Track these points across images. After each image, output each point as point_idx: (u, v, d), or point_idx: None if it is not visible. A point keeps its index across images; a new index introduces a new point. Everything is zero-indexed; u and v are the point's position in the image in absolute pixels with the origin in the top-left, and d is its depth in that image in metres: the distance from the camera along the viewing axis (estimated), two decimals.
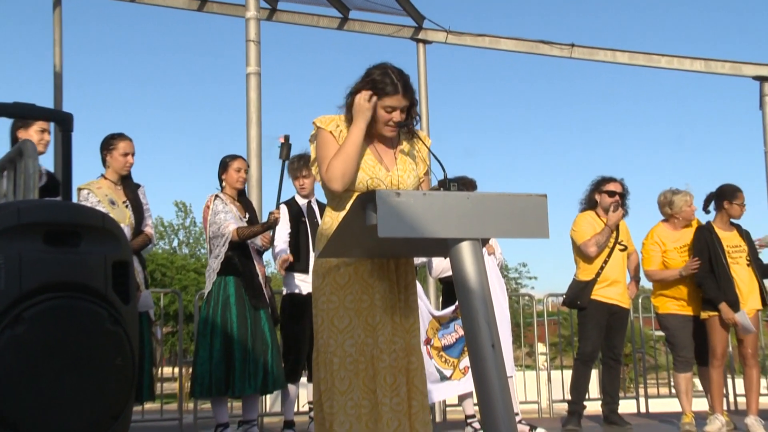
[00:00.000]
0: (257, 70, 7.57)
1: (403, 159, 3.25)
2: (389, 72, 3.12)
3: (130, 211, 4.89)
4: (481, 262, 2.52)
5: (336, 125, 3.17)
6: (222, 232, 5.13)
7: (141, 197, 5.01)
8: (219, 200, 5.24)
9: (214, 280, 5.14)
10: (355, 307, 3.07)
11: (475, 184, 5.71)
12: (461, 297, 2.52)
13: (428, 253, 3.98)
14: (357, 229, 2.56)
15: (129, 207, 4.90)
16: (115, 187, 4.93)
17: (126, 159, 4.94)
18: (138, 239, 4.89)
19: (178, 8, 10.18)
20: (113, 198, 4.86)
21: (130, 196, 4.95)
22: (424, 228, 2.42)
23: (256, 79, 7.55)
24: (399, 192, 2.41)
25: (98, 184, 4.90)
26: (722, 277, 5.60)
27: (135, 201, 4.95)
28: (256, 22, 7.68)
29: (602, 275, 5.86)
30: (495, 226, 2.53)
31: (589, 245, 5.82)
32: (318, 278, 3.15)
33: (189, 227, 30.03)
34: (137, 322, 3.03)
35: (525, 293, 16.27)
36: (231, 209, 5.23)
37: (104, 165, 4.99)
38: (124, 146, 4.94)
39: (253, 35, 7.60)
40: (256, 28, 7.66)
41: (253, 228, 5.17)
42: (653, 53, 10.10)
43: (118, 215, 4.75)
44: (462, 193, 2.52)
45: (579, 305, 5.95)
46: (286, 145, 5.10)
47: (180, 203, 30.14)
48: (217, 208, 5.20)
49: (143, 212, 4.98)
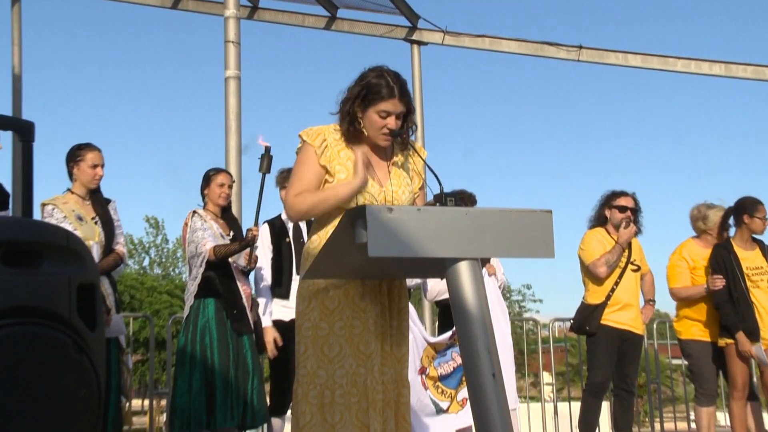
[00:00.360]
0: (237, 74, 7.59)
1: (397, 173, 3.27)
2: (385, 74, 3.15)
3: (100, 228, 4.89)
4: (480, 283, 2.53)
5: (322, 139, 3.19)
6: (199, 251, 5.14)
7: (111, 213, 5.01)
8: (197, 217, 5.25)
9: (192, 304, 5.14)
10: (345, 334, 3.07)
11: (474, 199, 5.72)
12: (459, 322, 2.52)
13: (423, 274, 3.99)
14: (345, 247, 2.57)
15: (98, 223, 4.90)
16: (83, 202, 4.93)
17: (95, 171, 4.94)
18: (108, 258, 4.89)
19: (151, 5, 10.22)
20: (81, 214, 4.86)
21: (100, 212, 4.94)
22: (419, 247, 2.42)
23: (235, 83, 7.57)
24: (391, 207, 2.41)
25: (64, 199, 4.89)
26: (741, 302, 5.64)
27: (105, 217, 4.95)
28: (235, 22, 7.71)
29: (613, 298, 5.86)
30: (496, 245, 2.54)
31: (598, 265, 5.83)
32: (303, 301, 3.15)
33: (161, 245, 29.98)
34: (104, 349, 3.03)
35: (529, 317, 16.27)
36: (210, 226, 5.24)
37: (71, 178, 4.98)
38: (93, 157, 4.95)
39: (232, 35, 7.63)
40: (236, 27, 7.69)
41: (230, 246, 5.17)
42: (668, 56, 10.17)
43: (87, 232, 4.75)
44: (460, 209, 2.53)
45: (588, 331, 5.94)
46: (267, 157, 5.11)
47: (151, 219, 30.12)
48: (195, 225, 5.21)
49: (114, 229, 4.98)
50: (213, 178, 5.38)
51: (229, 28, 7.65)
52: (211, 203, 5.37)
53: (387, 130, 3.15)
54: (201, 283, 5.13)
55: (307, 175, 3.16)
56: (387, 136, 3.17)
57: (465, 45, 10.44)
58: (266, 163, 5.13)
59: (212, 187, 5.36)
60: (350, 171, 3.16)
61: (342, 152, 3.20)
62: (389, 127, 3.15)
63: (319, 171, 3.17)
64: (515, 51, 10.36)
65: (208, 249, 5.11)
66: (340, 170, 3.17)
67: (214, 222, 5.30)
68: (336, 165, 3.17)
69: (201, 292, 5.14)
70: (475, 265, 2.53)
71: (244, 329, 5.16)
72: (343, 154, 3.20)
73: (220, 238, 5.23)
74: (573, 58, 10.21)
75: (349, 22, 10.40)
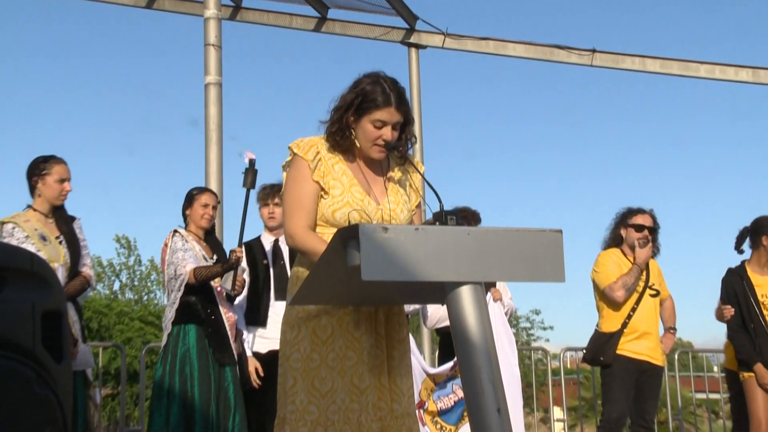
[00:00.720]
0: (218, 80, 7.61)
1: (394, 189, 3.29)
2: (381, 81, 3.17)
3: (65, 248, 4.88)
4: (484, 309, 2.53)
5: (315, 152, 3.20)
6: (178, 273, 5.14)
7: (77, 231, 5.01)
8: (178, 237, 5.26)
9: (171, 331, 5.13)
10: (338, 367, 3.07)
11: (478, 217, 5.74)
12: (461, 352, 2.53)
13: (422, 300, 3.99)
14: (337, 270, 2.57)
15: (63, 243, 4.89)
16: (45, 220, 4.93)
17: (62, 186, 4.95)
18: (75, 282, 4.88)
19: (124, 5, 10.26)
20: (44, 233, 4.85)
21: (65, 230, 4.94)
22: (417, 270, 2.43)
23: (216, 90, 7.59)
24: (386, 227, 2.41)
25: (25, 217, 4.89)
26: (757, 332, 5.67)
27: (70, 236, 4.94)
28: (216, 23, 7.74)
29: (630, 325, 5.85)
30: (501, 268, 2.54)
31: (614, 289, 5.82)
32: (291, 329, 3.15)
33: (133, 267, 29.93)
34: (71, 383, 3.03)
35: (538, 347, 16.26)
36: (192, 247, 5.24)
37: (32, 194, 4.98)
38: (60, 171, 4.95)
39: (213, 38, 7.65)
40: (217, 29, 7.71)
41: (212, 268, 5.17)
42: (690, 60, 10.23)
43: (51, 253, 4.74)
44: (462, 228, 2.53)
45: (602, 362, 5.93)
46: (251, 171, 5.12)
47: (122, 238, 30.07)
48: (175, 245, 5.21)
49: (80, 249, 4.98)
50: (196, 197, 5.39)
51: (210, 30, 7.68)
52: (194, 224, 5.38)
53: (382, 142, 3.16)
54: (181, 308, 5.13)
55: (306, 196, 3.17)
56: (381, 148, 3.18)
57: (467, 48, 10.49)
58: (250, 178, 5.13)
59: (195, 208, 5.37)
60: (346, 186, 3.17)
61: (336, 166, 3.21)
62: (384, 138, 3.16)
63: (314, 189, 3.18)
64: (522, 55, 10.41)
65: (188, 271, 5.11)
66: (335, 186, 3.18)
67: (197, 243, 5.30)
68: (330, 180, 3.18)
69: (181, 317, 5.14)
70: (479, 289, 2.53)
71: (227, 360, 5.16)
72: (337, 168, 3.21)
73: (202, 261, 5.23)
74: (585, 63, 10.26)
75: (340, 24, 10.44)
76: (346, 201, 3.16)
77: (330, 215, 3.16)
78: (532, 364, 12.44)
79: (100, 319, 24.15)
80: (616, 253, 6.01)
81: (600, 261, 6.01)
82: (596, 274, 5.98)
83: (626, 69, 10.37)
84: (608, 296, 5.86)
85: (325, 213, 3.18)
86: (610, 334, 5.87)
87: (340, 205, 3.16)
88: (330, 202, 3.16)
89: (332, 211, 3.16)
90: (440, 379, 5.43)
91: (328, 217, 3.17)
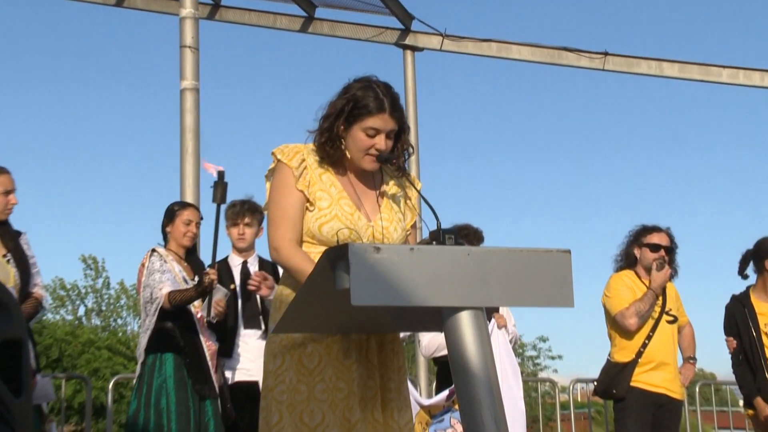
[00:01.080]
0: (195, 85, 7.62)
1: (387, 205, 3.30)
2: (373, 85, 3.19)
3: (14, 267, 4.86)
4: (485, 337, 2.53)
5: (301, 159, 3.22)
6: (154, 297, 5.13)
7: (25, 248, 4.99)
8: (156, 257, 5.26)
9: (145, 360, 5.12)
10: (328, 399, 3.07)
11: (480, 235, 5.75)
12: (460, 383, 2.53)
13: (418, 327, 3.99)
14: (324, 295, 2.58)
15: (11, 262, 4.87)
16: None
17: (7, 199, 4.94)
18: (26, 305, 4.87)
19: (91, 2, 10.29)
20: None
21: (11, 247, 4.92)
22: (412, 294, 2.43)
23: (193, 96, 7.60)
24: (379, 246, 2.41)
25: None
26: (757, 365, 5.71)
27: (18, 254, 4.93)
28: (193, 23, 7.76)
29: (645, 355, 5.83)
30: (504, 292, 2.55)
31: (627, 316, 5.80)
32: (274, 359, 3.15)
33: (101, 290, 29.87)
34: (31, 419, 3.02)
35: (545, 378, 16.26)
36: (172, 268, 5.24)
37: None
38: (4, 182, 4.94)
39: (189, 39, 7.67)
40: (194, 29, 7.73)
41: (186, 292, 5.17)
42: (711, 64, 10.30)
43: (0, 274, 4.73)
44: (461, 248, 2.54)
45: (615, 395, 5.91)
46: (221, 185, 5.13)
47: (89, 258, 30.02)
48: (153, 265, 5.22)
49: (29, 267, 4.96)
50: (178, 213, 5.39)
51: (186, 31, 7.69)
52: (175, 243, 5.38)
53: (375, 152, 3.18)
54: (158, 335, 5.13)
55: (291, 206, 3.18)
56: (374, 158, 3.19)
57: (468, 51, 10.55)
58: (220, 192, 5.14)
59: (176, 225, 5.37)
60: (334, 198, 3.18)
61: (324, 176, 3.23)
62: (377, 147, 3.17)
63: (300, 198, 3.19)
64: (528, 58, 10.47)
65: (164, 295, 5.10)
66: (322, 197, 3.19)
67: (177, 264, 5.30)
68: (317, 191, 3.19)
69: (158, 345, 5.14)
70: (480, 315, 2.53)
71: (207, 392, 5.15)
72: (325, 178, 3.23)
73: (182, 283, 5.23)
74: (597, 67, 10.31)
75: (329, 24, 10.48)
76: (335, 214, 3.17)
77: (316, 230, 3.17)
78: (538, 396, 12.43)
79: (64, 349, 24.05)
80: (630, 275, 6.00)
81: (611, 285, 5.99)
82: (607, 299, 5.96)
83: (641, 73, 10.43)
84: (620, 324, 5.85)
85: (311, 227, 3.18)
86: (624, 364, 5.85)
87: (327, 218, 3.17)
88: (317, 215, 3.17)
89: (319, 225, 3.17)
90: (436, 411, 5.43)
91: (315, 231, 3.17)
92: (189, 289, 5.21)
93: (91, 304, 29.86)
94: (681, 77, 10.37)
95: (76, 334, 25.23)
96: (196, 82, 7.62)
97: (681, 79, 10.40)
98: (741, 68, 10.20)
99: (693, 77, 10.32)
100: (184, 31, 7.70)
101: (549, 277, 2.56)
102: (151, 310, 5.14)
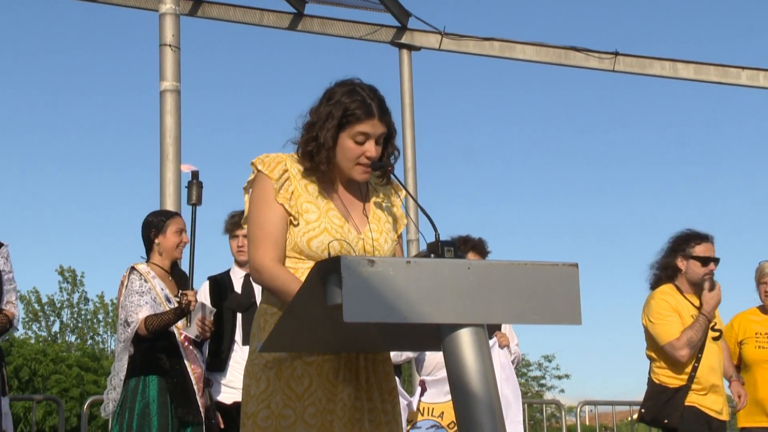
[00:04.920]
0: (175, 86, 7.61)
1: (376, 216, 3.30)
2: (357, 89, 3.19)
3: None
4: (486, 356, 2.53)
5: (283, 170, 3.20)
6: (130, 320, 5.11)
7: (2, 262, 4.99)
8: (136, 276, 5.21)
9: (128, 384, 5.10)
10: (319, 424, 3.06)
11: (483, 247, 5.73)
12: (459, 405, 2.53)
13: (414, 346, 3.99)
14: (314, 311, 2.57)
15: None
16: None
17: None
18: None
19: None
20: None
21: None
22: (408, 310, 2.43)
23: (173, 98, 7.59)
24: (373, 259, 2.41)
25: None
26: None
27: None
28: (174, 19, 7.75)
29: (697, 380, 5.50)
30: (507, 308, 2.55)
31: (678, 347, 5.44)
32: (257, 383, 3.13)
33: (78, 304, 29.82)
34: None
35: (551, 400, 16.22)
36: (153, 287, 5.19)
37: None
38: None
39: (169, 37, 7.67)
40: (175, 27, 7.73)
41: (163, 316, 5.12)
42: (729, 65, 10.32)
43: None
44: (461, 261, 2.54)
45: (667, 425, 5.54)
46: (196, 185, 5.12)
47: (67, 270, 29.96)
48: (132, 286, 5.18)
49: (2, 283, 4.96)
50: (168, 223, 5.34)
51: (166, 28, 7.68)
52: (166, 255, 5.33)
53: (366, 160, 3.17)
54: (141, 358, 5.11)
55: (271, 222, 3.16)
56: (365, 168, 3.19)
57: (468, 50, 10.56)
58: (196, 193, 5.12)
59: (168, 236, 5.31)
60: (322, 210, 3.17)
61: (310, 186, 3.22)
62: (368, 155, 3.16)
63: (281, 212, 3.16)
64: (533, 58, 10.49)
65: (140, 319, 5.07)
66: (309, 209, 3.17)
67: (161, 281, 5.26)
68: (303, 203, 3.17)
69: (141, 367, 5.12)
70: (481, 332, 2.54)
71: (190, 417, 5.14)
72: (311, 189, 3.21)
73: (164, 303, 5.18)
74: (607, 68, 10.33)
75: (320, 21, 10.49)
76: (324, 227, 3.16)
77: (304, 244, 3.15)
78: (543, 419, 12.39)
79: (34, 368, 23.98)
80: (672, 292, 5.65)
81: (655, 309, 5.62)
82: (652, 325, 5.59)
83: (654, 75, 10.45)
84: (669, 354, 5.51)
85: (298, 242, 3.16)
86: (675, 389, 5.53)
87: (317, 232, 3.16)
88: (304, 228, 3.16)
89: (308, 240, 3.15)
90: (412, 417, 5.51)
91: (303, 246, 3.15)
92: (167, 313, 5.15)
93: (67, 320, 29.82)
94: (697, 79, 10.38)
95: (47, 352, 25.17)
96: (177, 83, 7.61)
97: (697, 81, 10.41)
98: (761, 69, 10.22)
99: (710, 79, 10.33)
100: (163, 29, 7.69)
101: (555, 293, 2.56)
102: (126, 335, 5.10)
